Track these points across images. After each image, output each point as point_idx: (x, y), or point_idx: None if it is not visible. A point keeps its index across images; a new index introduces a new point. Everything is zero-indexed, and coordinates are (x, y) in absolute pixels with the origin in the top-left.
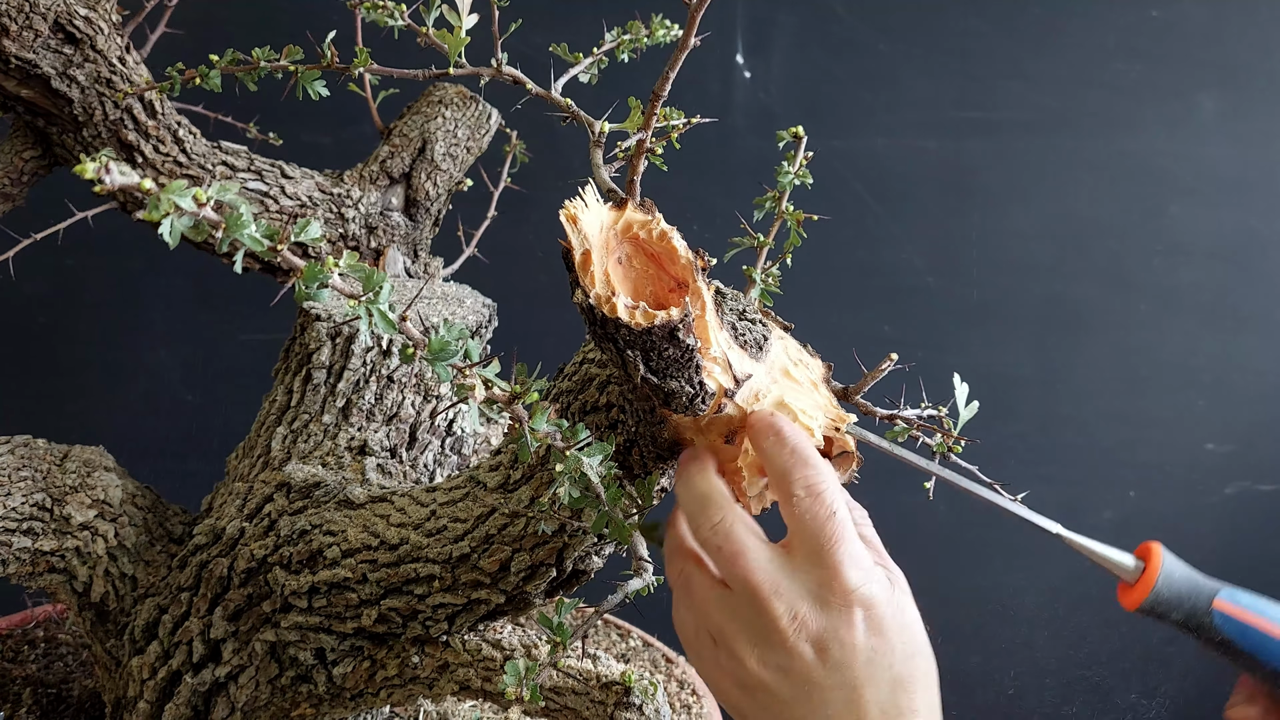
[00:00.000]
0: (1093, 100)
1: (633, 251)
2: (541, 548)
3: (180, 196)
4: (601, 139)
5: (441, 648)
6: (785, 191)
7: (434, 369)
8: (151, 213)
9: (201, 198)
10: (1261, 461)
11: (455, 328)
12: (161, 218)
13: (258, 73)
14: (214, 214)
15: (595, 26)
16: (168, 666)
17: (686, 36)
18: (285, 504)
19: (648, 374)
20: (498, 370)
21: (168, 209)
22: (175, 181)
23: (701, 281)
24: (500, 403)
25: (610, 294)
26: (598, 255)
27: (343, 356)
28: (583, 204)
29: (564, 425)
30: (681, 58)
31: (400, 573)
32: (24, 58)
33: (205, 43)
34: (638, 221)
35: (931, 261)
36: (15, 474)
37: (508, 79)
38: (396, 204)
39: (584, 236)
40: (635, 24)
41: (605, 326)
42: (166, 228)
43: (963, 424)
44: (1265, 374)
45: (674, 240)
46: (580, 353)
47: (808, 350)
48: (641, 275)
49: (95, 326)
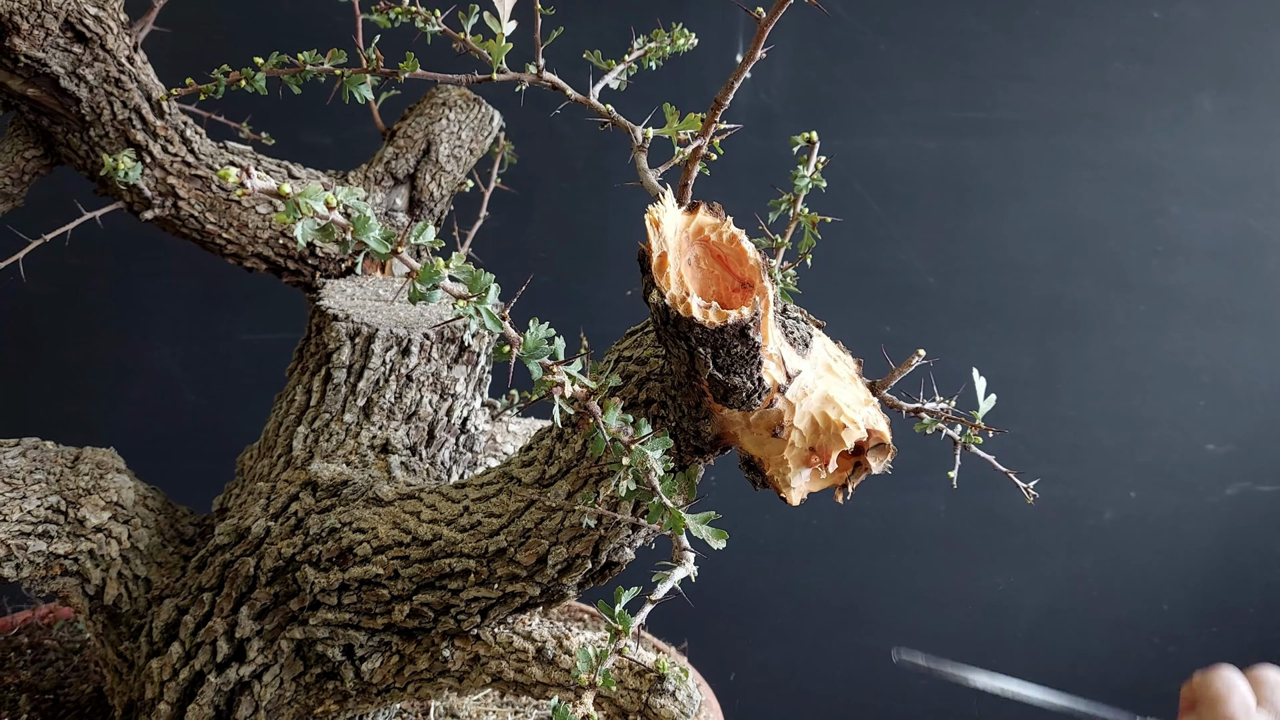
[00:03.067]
0: (1092, 100)
1: (701, 253)
2: (579, 540)
3: (315, 201)
4: (646, 145)
5: (472, 641)
6: (800, 194)
7: (527, 365)
8: (286, 215)
9: (332, 202)
10: (1261, 462)
11: (544, 329)
12: (296, 221)
13: (302, 75)
14: (342, 218)
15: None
16: (190, 667)
17: (754, 48)
18: (312, 502)
19: (715, 370)
20: (580, 369)
21: (305, 211)
22: (312, 186)
23: (767, 281)
24: (579, 398)
25: (684, 295)
26: (673, 258)
27: (363, 356)
28: (664, 208)
29: (630, 420)
30: (746, 68)
31: (434, 568)
32: (34, 56)
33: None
34: (709, 224)
35: (931, 261)
36: (29, 477)
37: (547, 85)
38: (401, 205)
39: (663, 239)
40: (659, 32)
41: (679, 325)
42: (299, 230)
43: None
44: (1265, 374)
45: (743, 243)
46: (615, 349)
47: (840, 346)
48: (707, 276)
49: (97, 326)
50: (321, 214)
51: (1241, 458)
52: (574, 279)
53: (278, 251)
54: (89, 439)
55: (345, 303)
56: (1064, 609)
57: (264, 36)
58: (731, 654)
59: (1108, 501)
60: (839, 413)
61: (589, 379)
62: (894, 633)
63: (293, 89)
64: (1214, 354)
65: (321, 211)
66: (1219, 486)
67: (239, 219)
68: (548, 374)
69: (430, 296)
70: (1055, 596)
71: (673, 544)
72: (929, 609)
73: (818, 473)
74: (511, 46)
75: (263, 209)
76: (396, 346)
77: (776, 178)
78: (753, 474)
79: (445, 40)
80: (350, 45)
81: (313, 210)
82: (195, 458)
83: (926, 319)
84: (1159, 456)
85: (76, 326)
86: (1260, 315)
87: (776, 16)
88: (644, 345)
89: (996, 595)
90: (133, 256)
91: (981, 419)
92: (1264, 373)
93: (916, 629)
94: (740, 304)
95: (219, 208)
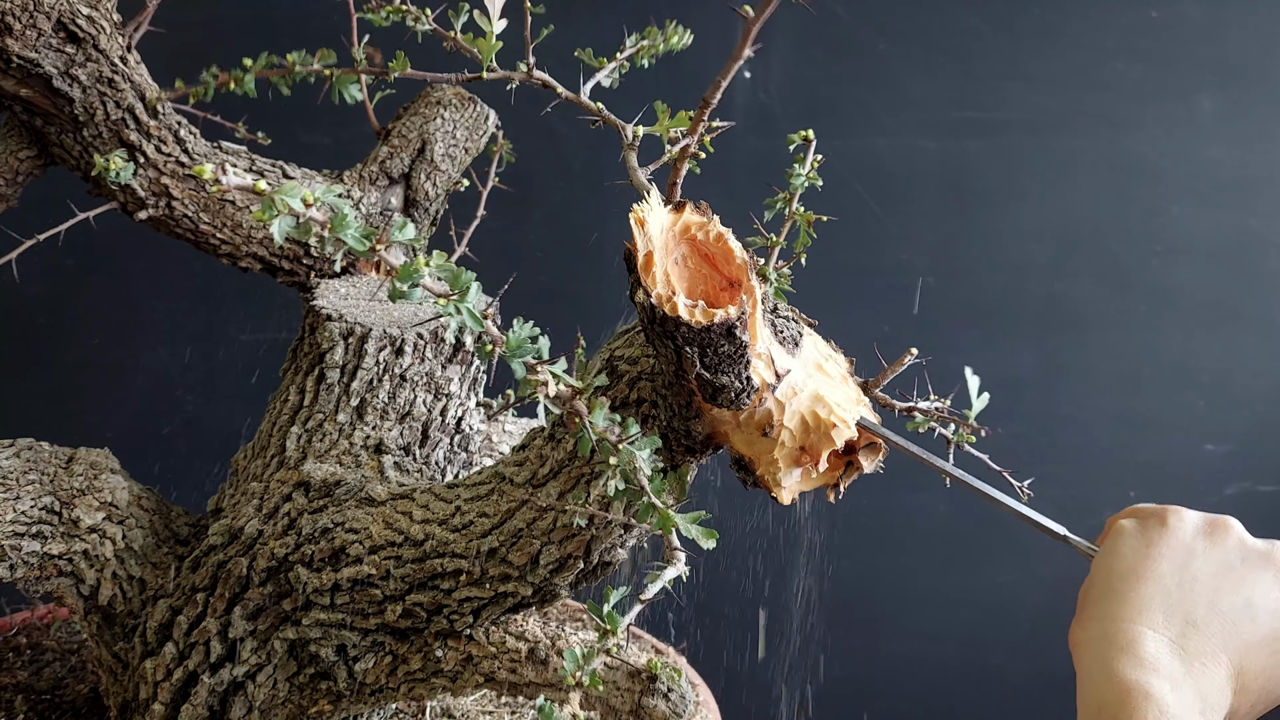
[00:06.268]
0: (1092, 100)
1: (688, 252)
2: (571, 540)
3: (291, 198)
4: (636, 143)
5: (465, 641)
6: (796, 193)
7: (510, 364)
8: (263, 213)
9: (309, 199)
10: (1261, 462)
11: (528, 327)
12: (273, 218)
13: (292, 76)
14: (319, 215)
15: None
16: (183, 667)
17: (740, 47)
18: (305, 503)
19: (702, 369)
20: (565, 368)
21: (281, 209)
22: (288, 183)
23: (755, 280)
24: (564, 398)
25: (670, 294)
26: (659, 256)
27: (356, 356)
28: (649, 207)
29: (617, 420)
30: (734, 67)
31: (426, 568)
32: (26, 57)
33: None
34: (695, 223)
35: (931, 261)
36: (23, 477)
37: (538, 83)
38: (396, 204)
39: (649, 238)
40: (653, 30)
41: (665, 325)
42: (275, 228)
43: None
44: (1265, 374)
45: (730, 241)
46: (606, 348)
47: (831, 345)
48: (695, 275)
49: (94, 326)
50: (298, 211)
51: (1241, 458)
52: (571, 278)
53: (272, 251)
54: (83, 439)
55: (339, 302)
56: (1064, 609)
57: (260, 36)
58: (731, 654)
59: (1108, 501)
60: (829, 412)
61: (575, 378)
62: (894, 632)
63: (282, 90)
64: (1214, 354)
65: (298, 209)
66: (1219, 486)
67: (233, 219)
68: (532, 374)
69: (410, 295)
70: (1055, 596)
71: (664, 544)
72: (929, 609)
73: (809, 472)
74: (502, 45)
75: (257, 208)
76: (390, 346)
77: (775, 177)
78: (743, 473)
79: (438, 39)
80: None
81: (289, 207)
82: (190, 458)
83: (926, 319)
84: (1159, 456)
85: (70, 327)
86: (1260, 315)
87: (764, 15)
88: (635, 344)
89: (996, 595)
90: (127, 257)
91: (975, 418)
92: (1264, 373)
93: (916, 629)
94: (727, 303)
95: (213, 208)
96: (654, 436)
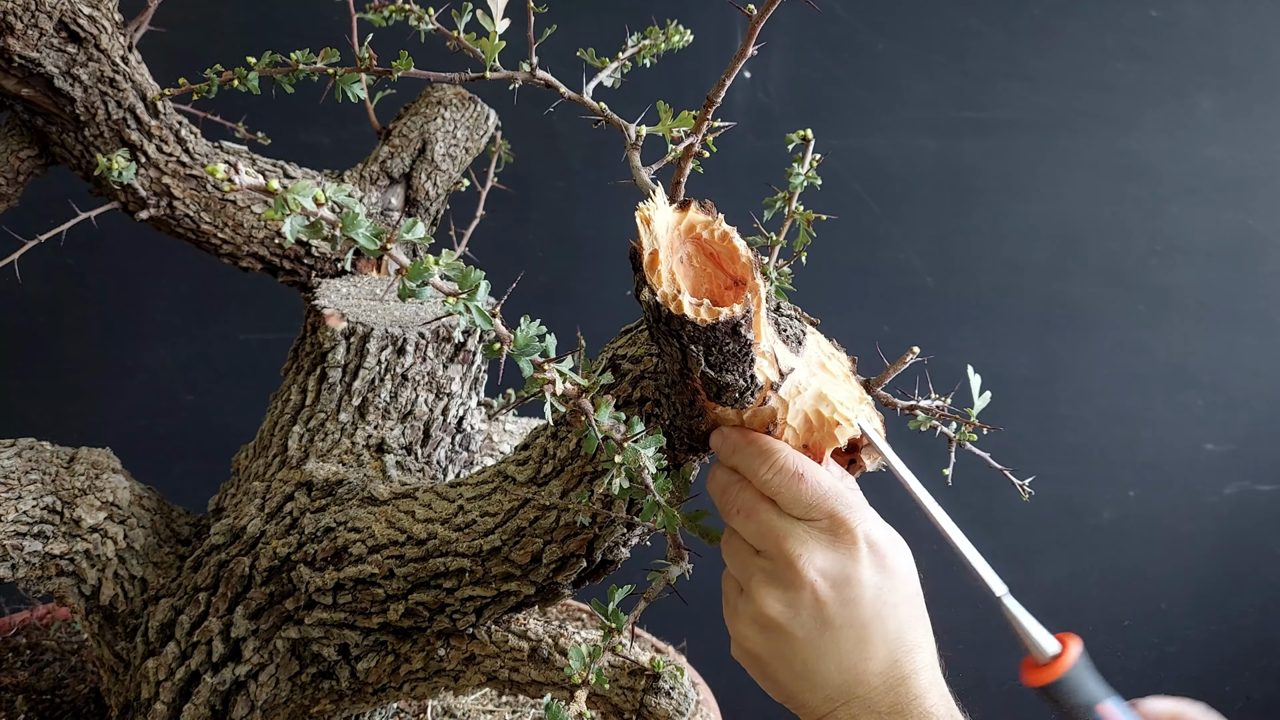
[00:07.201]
0: (1091, 100)
1: (693, 250)
2: (573, 539)
3: (303, 196)
4: (639, 142)
5: (467, 640)
6: (795, 192)
7: (518, 362)
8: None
9: (320, 198)
10: (1261, 461)
11: (535, 326)
12: (284, 217)
13: (295, 75)
14: (331, 214)
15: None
16: (185, 667)
17: (745, 45)
18: (307, 502)
19: (707, 368)
20: (572, 366)
21: (294, 208)
22: (300, 182)
23: (760, 279)
24: (571, 396)
25: (676, 292)
26: (664, 255)
27: (358, 355)
28: (654, 206)
29: (622, 418)
30: (738, 66)
31: (428, 567)
32: (28, 56)
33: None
34: (700, 222)
35: (930, 261)
36: (24, 477)
37: (540, 83)
38: (396, 204)
39: (654, 237)
40: (654, 29)
41: (670, 323)
42: (287, 226)
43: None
44: (1264, 374)
45: (735, 240)
46: (609, 347)
47: (833, 344)
48: (699, 273)
49: (95, 326)
50: (310, 210)
51: (1241, 457)
52: (572, 277)
53: (273, 251)
54: (85, 439)
55: (340, 302)
56: (1064, 609)
57: (260, 36)
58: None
59: (1107, 501)
60: (832, 410)
61: (581, 376)
62: None
63: (286, 89)
64: (1213, 354)
65: (310, 208)
66: (1218, 486)
67: (234, 219)
68: (539, 371)
69: (419, 293)
70: (1055, 596)
71: (667, 542)
72: (929, 609)
73: None
74: (505, 44)
75: (258, 209)
76: (391, 345)
77: (775, 177)
78: None
79: (440, 39)
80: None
81: (301, 207)
82: (191, 457)
83: (925, 318)
84: (1158, 456)
85: (72, 326)
86: (1260, 315)
87: (767, 14)
88: (638, 343)
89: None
90: (128, 256)
91: (976, 416)
92: (1263, 373)
93: None
94: (732, 301)
95: (214, 207)
96: (658, 435)
